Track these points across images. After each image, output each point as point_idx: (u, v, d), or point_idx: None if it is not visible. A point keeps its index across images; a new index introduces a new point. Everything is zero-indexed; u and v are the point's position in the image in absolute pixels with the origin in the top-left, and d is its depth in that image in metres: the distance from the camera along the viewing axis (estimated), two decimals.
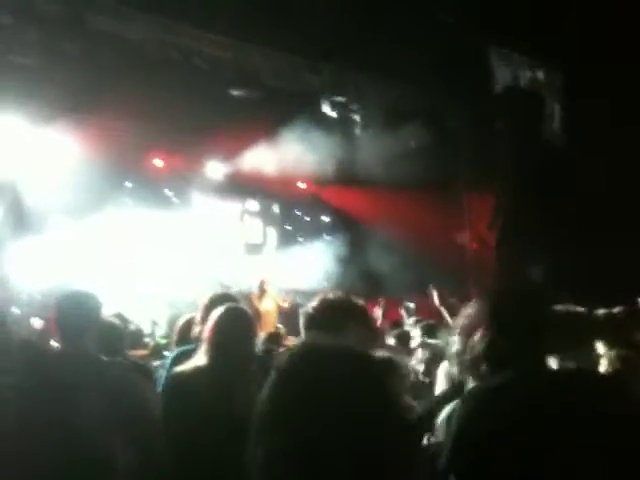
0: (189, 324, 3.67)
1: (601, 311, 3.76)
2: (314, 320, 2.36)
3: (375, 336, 2.83)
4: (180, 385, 2.85)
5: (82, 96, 7.73)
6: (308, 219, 12.42)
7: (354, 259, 11.15)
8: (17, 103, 8.09)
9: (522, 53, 10.96)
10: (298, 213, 12.73)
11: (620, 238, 9.66)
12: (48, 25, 7.15)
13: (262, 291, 9.07)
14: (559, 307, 2.59)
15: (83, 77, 7.32)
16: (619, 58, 9.68)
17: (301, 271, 11.02)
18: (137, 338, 8.19)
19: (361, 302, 2.53)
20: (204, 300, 3.50)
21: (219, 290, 4.19)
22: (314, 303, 2.51)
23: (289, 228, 12.66)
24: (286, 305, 9.39)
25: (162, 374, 3.39)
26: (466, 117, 10.51)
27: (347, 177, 11.26)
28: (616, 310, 3.94)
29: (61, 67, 7.32)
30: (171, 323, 8.89)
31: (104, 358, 3.02)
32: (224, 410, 2.68)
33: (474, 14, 9.47)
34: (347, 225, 11.69)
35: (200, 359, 2.87)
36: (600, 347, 3.14)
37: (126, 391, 2.61)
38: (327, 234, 11.29)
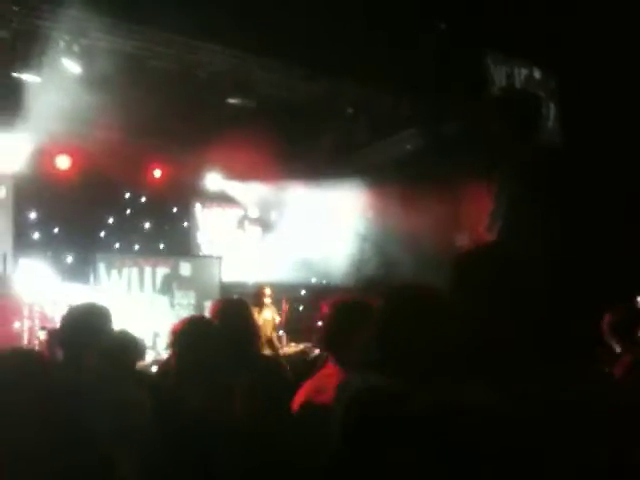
0: None
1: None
2: None
3: None
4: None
5: (81, 109, 7.79)
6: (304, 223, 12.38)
7: (352, 262, 11.19)
8: (16, 118, 8.17)
9: (517, 53, 10.97)
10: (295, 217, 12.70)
11: (620, 236, 9.66)
12: (47, 40, 7.25)
13: (260, 303, 8.74)
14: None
15: (82, 91, 7.39)
16: (614, 56, 9.71)
17: (300, 271, 11.06)
18: (140, 351, 8.22)
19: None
20: (213, 307, 3.49)
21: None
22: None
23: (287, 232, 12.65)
24: (278, 319, 9.20)
25: None
26: (462, 119, 10.53)
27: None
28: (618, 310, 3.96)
29: (60, 82, 7.40)
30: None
31: (108, 372, 2.98)
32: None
33: (468, 16, 9.50)
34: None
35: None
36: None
37: (129, 406, 2.60)
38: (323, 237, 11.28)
